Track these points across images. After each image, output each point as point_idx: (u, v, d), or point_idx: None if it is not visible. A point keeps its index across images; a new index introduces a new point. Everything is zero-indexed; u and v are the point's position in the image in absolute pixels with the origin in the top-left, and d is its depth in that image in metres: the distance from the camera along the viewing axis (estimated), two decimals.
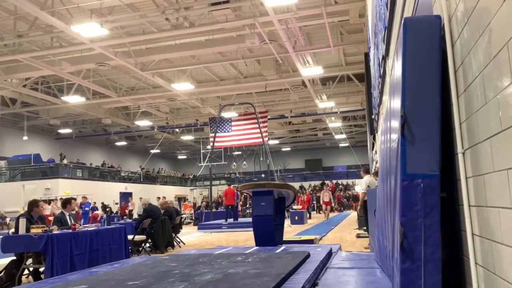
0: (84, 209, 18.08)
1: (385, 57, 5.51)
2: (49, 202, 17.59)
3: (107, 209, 20.50)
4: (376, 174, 8.45)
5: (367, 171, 8.93)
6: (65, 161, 24.62)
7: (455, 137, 2.17)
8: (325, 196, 19.15)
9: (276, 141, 32.52)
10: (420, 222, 2.26)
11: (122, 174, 29.49)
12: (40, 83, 18.02)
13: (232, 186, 18.80)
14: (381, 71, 6.21)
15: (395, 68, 2.91)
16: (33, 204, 6.45)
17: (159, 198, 16.83)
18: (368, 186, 8.00)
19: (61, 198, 18.38)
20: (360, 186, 8.11)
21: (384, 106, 6.38)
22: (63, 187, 21.28)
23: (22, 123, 22.90)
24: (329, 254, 5.40)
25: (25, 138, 22.60)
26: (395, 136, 2.69)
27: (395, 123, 2.67)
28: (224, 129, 19.36)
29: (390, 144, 3.02)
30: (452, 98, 2.17)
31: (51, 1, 10.78)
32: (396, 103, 2.67)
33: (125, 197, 23.89)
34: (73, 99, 17.81)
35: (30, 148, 23.85)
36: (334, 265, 4.90)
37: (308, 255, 4.85)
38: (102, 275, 4.29)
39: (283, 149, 37.34)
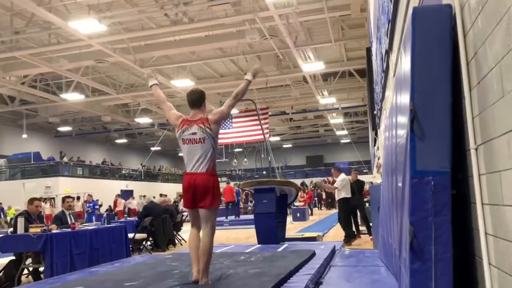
0: (94, 207, 18.03)
1: (388, 51, 5.41)
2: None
3: (107, 208, 20.42)
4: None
5: (340, 170, 8.86)
6: (65, 159, 24.52)
7: (466, 132, 2.08)
8: None
9: (277, 138, 32.41)
10: (430, 221, 2.17)
11: (123, 171, 29.40)
12: (39, 81, 17.88)
13: (232, 183, 18.74)
14: (384, 66, 6.11)
15: (403, 61, 2.81)
16: (28, 203, 6.37)
17: (161, 195, 16.78)
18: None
19: (47, 198, 18.42)
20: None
21: (387, 101, 6.28)
22: (64, 185, 21.21)
23: (21, 121, 22.76)
24: (333, 252, 5.32)
25: (24, 136, 22.49)
26: (402, 132, 2.59)
27: (403, 119, 2.57)
28: (225, 126, 19.22)
29: (397, 140, 2.92)
30: (464, 91, 2.07)
31: None
32: (404, 98, 2.57)
33: (126, 194, 23.80)
34: (72, 97, 17.71)
35: (30, 146, 23.75)
36: (337, 263, 4.82)
37: (314, 254, 4.77)
38: (100, 275, 4.21)
39: (284, 146, 37.23)
